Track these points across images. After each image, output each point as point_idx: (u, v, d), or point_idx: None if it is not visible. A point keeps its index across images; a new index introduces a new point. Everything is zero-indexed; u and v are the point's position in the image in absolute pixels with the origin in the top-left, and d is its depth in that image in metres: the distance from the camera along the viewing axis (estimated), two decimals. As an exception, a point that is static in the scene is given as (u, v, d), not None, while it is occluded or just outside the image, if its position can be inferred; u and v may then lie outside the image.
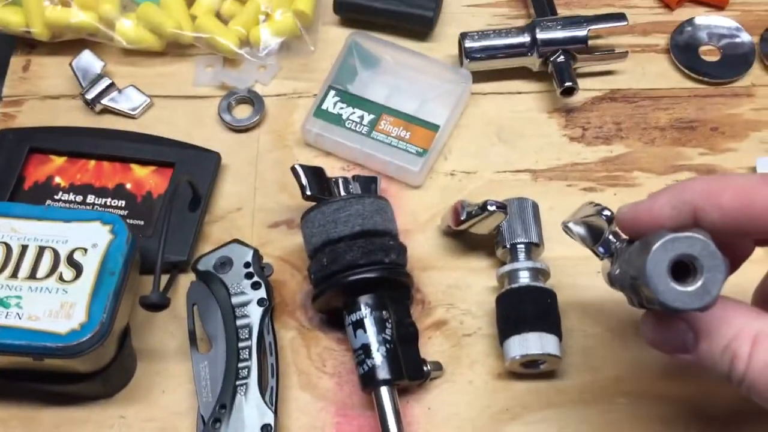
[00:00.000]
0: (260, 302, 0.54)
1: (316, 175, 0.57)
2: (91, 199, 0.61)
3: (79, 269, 0.50)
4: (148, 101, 0.66)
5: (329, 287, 0.53)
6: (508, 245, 0.56)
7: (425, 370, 0.53)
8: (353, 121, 0.63)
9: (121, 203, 0.61)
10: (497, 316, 0.54)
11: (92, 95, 0.65)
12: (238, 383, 0.51)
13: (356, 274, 0.53)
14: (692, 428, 0.53)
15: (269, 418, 0.51)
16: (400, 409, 0.52)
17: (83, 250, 0.51)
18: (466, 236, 0.59)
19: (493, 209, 0.54)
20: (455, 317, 0.57)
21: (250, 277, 0.55)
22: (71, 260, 0.50)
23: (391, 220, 0.56)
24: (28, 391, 0.53)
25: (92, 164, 0.62)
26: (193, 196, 0.60)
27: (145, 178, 0.62)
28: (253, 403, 0.51)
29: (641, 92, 0.66)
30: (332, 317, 0.56)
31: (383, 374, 0.51)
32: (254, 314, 0.54)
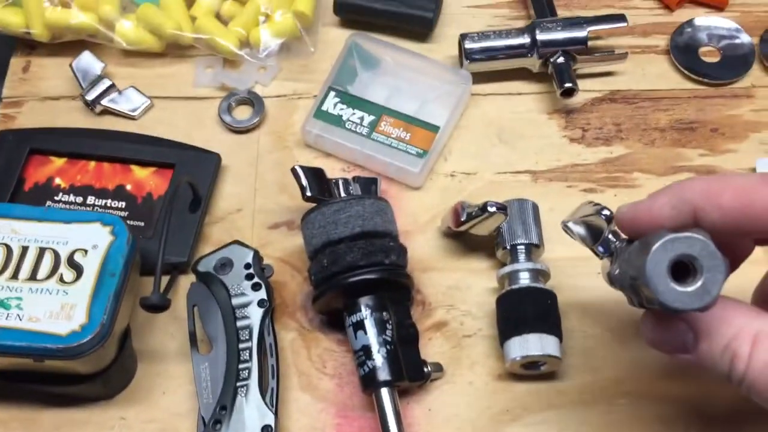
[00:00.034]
0: (260, 303, 0.54)
1: (316, 176, 0.57)
2: (91, 200, 0.61)
3: (79, 270, 0.50)
4: (148, 102, 0.66)
5: (330, 288, 0.53)
6: (508, 246, 0.56)
7: (426, 371, 0.53)
8: (353, 122, 0.63)
9: (121, 204, 0.61)
10: (497, 317, 0.55)
11: (92, 96, 0.65)
12: (238, 384, 0.51)
13: (356, 275, 0.53)
14: (692, 429, 0.53)
15: (270, 419, 0.51)
16: (400, 410, 0.52)
17: (84, 251, 0.51)
18: (466, 237, 0.59)
19: (493, 210, 0.54)
20: (455, 318, 0.57)
21: (250, 278, 0.55)
22: (72, 261, 0.50)
23: (391, 221, 0.56)
24: (28, 392, 0.53)
25: (92, 165, 0.62)
26: (193, 197, 0.60)
27: (145, 179, 0.62)
28: (253, 404, 0.51)
29: (641, 93, 0.67)
30: (332, 318, 0.56)
31: (384, 375, 0.51)
32: (255, 315, 0.54)
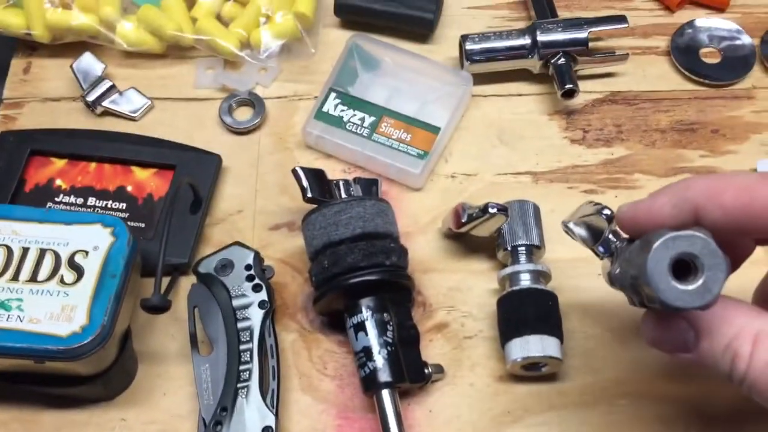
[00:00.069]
0: (261, 305, 0.54)
1: (317, 177, 0.57)
2: (92, 201, 0.61)
3: (80, 272, 0.50)
4: (148, 103, 0.66)
5: (330, 290, 0.53)
6: (509, 248, 0.56)
7: (426, 372, 0.53)
8: (354, 123, 0.63)
9: (122, 206, 0.61)
10: (498, 318, 0.54)
11: (93, 97, 0.65)
12: (239, 386, 0.51)
13: (357, 276, 0.53)
14: (693, 429, 0.53)
15: (270, 420, 0.51)
16: (401, 411, 0.52)
17: (84, 252, 0.51)
18: (467, 239, 0.59)
19: (494, 212, 0.54)
20: (456, 320, 0.57)
21: (251, 279, 0.55)
22: (72, 263, 0.50)
23: (392, 222, 0.56)
24: (29, 393, 0.53)
25: (93, 166, 0.62)
26: (194, 198, 0.60)
27: (146, 180, 0.62)
28: (254, 405, 0.51)
29: (642, 94, 0.66)
30: (333, 320, 0.56)
31: (384, 377, 0.51)
32: (255, 317, 0.54)
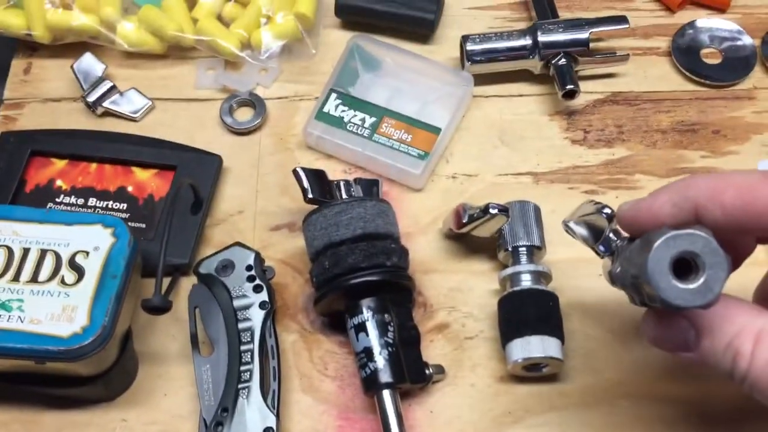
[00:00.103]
0: (262, 305, 0.54)
1: (317, 178, 0.57)
2: (92, 202, 0.61)
3: (80, 272, 0.50)
4: (149, 104, 0.66)
5: (331, 290, 0.53)
6: (509, 248, 0.56)
7: (427, 373, 0.53)
8: (355, 123, 0.63)
9: (122, 206, 0.61)
10: (499, 319, 0.54)
11: (93, 98, 0.65)
12: (240, 386, 0.51)
13: (358, 277, 0.52)
14: (694, 430, 0.53)
15: (271, 421, 0.51)
16: (402, 412, 0.52)
17: (85, 253, 0.51)
18: (467, 239, 0.59)
19: (495, 212, 0.54)
20: (457, 320, 0.57)
21: (251, 280, 0.55)
22: (73, 263, 0.50)
23: (392, 223, 0.56)
24: (29, 394, 0.53)
25: (94, 167, 0.62)
26: (194, 199, 0.60)
27: (146, 181, 0.62)
28: (255, 406, 0.51)
29: (643, 95, 0.66)
30: (334, 320, 0.56)
31: (385, 377, 0.51)
32: (256, 317, 0.54)
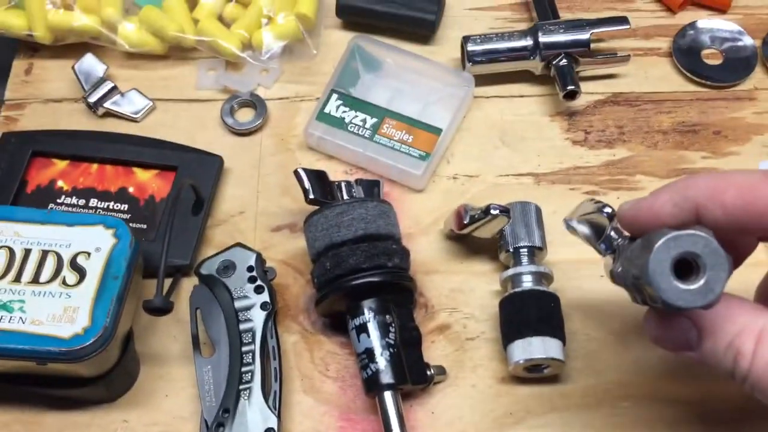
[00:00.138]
0: (263, 306, 0.54)
1: (318, 178, 0.57)
2: (93, 202, 0.61)
3: (82, 273, 0.50)
4: (150, 105, 0.66)
5: (332, 291, 0.53)
6: (511, 249, 0.56)
7: (428, 374, 0.53)
8: (356, 124, 0.63)
9: (123, 207, 0.61)
10: (500, 320, 0.54)
11: (95, 99, 0.65)
12: (241, 387, 0.51)
13: (359, 278, 0.52)
14: (696, 430, 0.53)
15: (272, 422, 0.51)
16: (403, 413, 0.52)
17: (86, 254, 0.51)
18: (469, 240, 0.59)
19: (496, 213, 0.54)
20: (458, 321, 0.57)
21: (253, 281, 0.55)
22: (74, 264, 0.50)
23: (394, 223, 0.56)
24: (31, 395, 0.53)
25: (95, 168, 0.62)
26: (195, 199, 0.60)
27: (147, 181, 0.62)
28: (256, 407, 0.51)
29: (644, 96, 0.66)
30: (335, 321, 0.56)
31: (387, 378, 0.51)
32: (257, 318, 0.54)
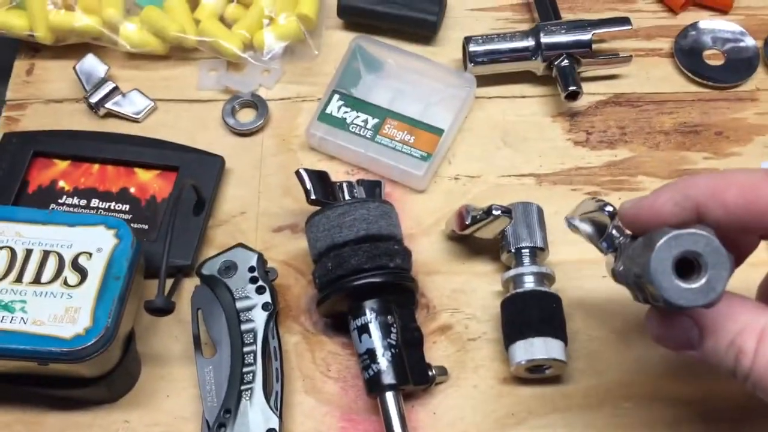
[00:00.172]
0: (265, 306, 0.54)
1: (320, 179, 0.57)
2: (95, 203, 0.61)
3: (83, 274, 0.50)
4: (151, 105, 0.66)
5: (334, 292, 0.53)
6: (512, 250, 0.56)
7: (430, 374, 0.53)
8: (357, 125, 0.63)
9: (125, 207, 0.61)
10: (502, 320, 0.54)
11: (96, 99, 0.65)
12: (242, 388, 0.51)
13: (361, 278, 0.52)
14: (697, 430, 0.53)
15: (274, 422, 0.51)
16: (405, 413, 0.51)
17: (88, 254, 0.51)
18: (470, 240, 0.59)
19: (498, 214, 0.54)
20: (460, 322, 0.57)
21: (254, 281, 0.55)
22: (76, 265, 0.50)
23: (395, 224, 0.56)
24: (32, 395, 0.53)
25: (96, 168, 0.62)
26: (197, 200, 0.60)
27: (149, 182, 0.62)
28: (257, 407, 0.51)
29: (645, 96, 0.66)
30: (337, 322, 0.56)
31: (388, 379, 0.51)
32: (259, 319, 0.54)
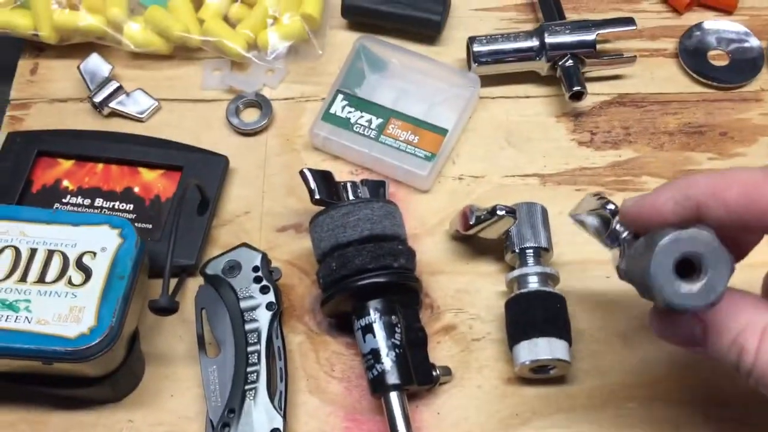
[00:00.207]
0: (269, 306, 0.54)
1: (324, 179, 0.57)
2: (99, 202, 0.61)
3: (88, 273, 0.50)
4: (155, 104, 0.66)
5: (338, 292, 0.53)
6: (517, 250, 0.56)
7: (434, 374, 0.53)
8: (361, 125, 0.63)
9: (129, 207, 0.61)
10: (506, 321, 0.54)
11: (100, 98, 0.65)
12: (246, 387, 0.51)
13: (365, 278, 0.52)
14: (700, 430, 0.53)
15: (278, 422, 0.51)
16: (409, 413, 0.51)
17: (92, 253, 0.51)
18: (474, 241, 0.59)
19: (502, 214, 0.54)
20: (464, 322, 0.57)
21: (258, 281, 0.55)
22: (80, 264, 0.50)
23: (399, 224, 0.56)
24: (36, 394, 0.53)
25: (100, 167, 0.62)
26: (201, 199, 0.60)
27: (153, 181, 0.62)
28: (261, 407, 0.51)
29: (650, 97, 0.66)
30: (341, 321, 0.56)
31: (392, 379, 0.51)
32: (263, 318, 0.54)
